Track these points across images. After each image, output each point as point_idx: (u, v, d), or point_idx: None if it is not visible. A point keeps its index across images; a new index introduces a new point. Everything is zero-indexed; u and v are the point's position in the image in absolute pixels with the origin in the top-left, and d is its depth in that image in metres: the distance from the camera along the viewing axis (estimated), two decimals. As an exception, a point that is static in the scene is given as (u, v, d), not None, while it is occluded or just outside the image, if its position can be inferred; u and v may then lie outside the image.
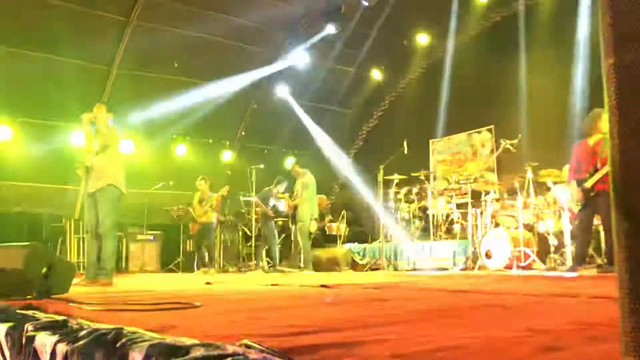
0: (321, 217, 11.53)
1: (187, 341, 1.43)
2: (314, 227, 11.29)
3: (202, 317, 2.40)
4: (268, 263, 11.54)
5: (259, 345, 1.29)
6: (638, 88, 1.05)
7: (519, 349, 1.40)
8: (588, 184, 6.77)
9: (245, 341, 1.33)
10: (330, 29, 12.20)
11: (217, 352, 1.27)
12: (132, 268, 11.67)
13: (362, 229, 12.77)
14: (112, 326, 1.75)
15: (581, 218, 7.09)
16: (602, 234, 7.70)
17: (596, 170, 6.74)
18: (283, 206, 11.48)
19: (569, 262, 7.38)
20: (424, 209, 10.90)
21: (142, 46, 11.74)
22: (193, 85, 12.92)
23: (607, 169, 6.40)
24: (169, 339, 1.50)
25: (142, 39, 11.63)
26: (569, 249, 7.66)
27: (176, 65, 12.45)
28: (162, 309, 2.70)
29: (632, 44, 1.06)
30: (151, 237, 12.03)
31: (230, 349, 1.29)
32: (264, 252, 11.57)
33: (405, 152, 10.25)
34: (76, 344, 1.62)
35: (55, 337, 1.76)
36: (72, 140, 10.90)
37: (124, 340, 1.54)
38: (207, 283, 6.03)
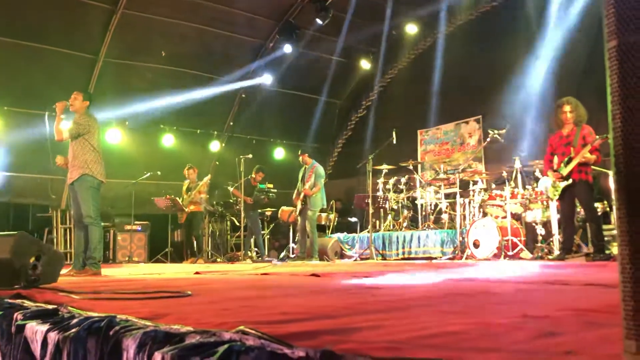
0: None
1: (182, 328, 1.41)
2: (326, 218, 11.36)
3: (194, 305, 2.38)
4: (257, 253, 11.54)
5: (256, 331, 1.27)
6: (642, 69, 1.04)
7: (517, 334, 1.39)
8: (564, 172, 6.86)
9: (242, 328, 1.31)
10: (318, 21, 12.11)
11: (213, 339, 1.25)
12: (120, 258, 11.62)
13: (352, 219, 12.77)
14: (104, 314, 1.73)
15: (562, 208, 7.19)
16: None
17: (570, 159, 6.83)
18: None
19: (557, 251, 7.42)
20: (412, 199, 10.93)
21: (129, 35, 11.63)
22: (181, 75, 12.84)
23: (580, 157, 6.54)
24: (163, 327, 1.48)
25: (129, 28, 11.52)
26: (557, 238, 7.71)
27: (163, 54, 12.34)
28: (152, 298, 2.68)
29: (636, 25, 1.05)
30: (139, 228, 11.97)
31: (226, 335, 1.28)
32: (252, 242, 11.57)
33: (394, 142, 10.26)
34: (68, 332, 1.60)
35: (46, 326, 1.74)
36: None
37: (116, 328, 1.52)
38: (197, 273, 6.00)
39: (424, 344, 1.31)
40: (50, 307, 2.12)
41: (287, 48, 12.99)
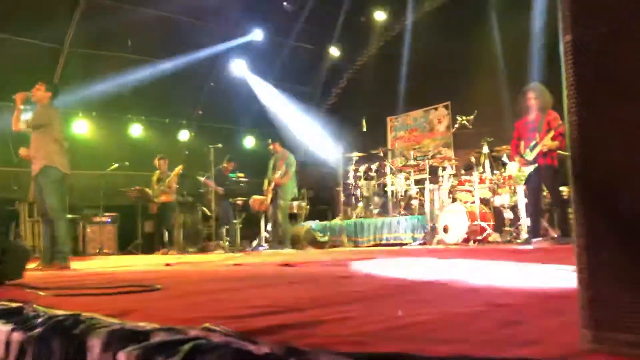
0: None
1: (147, 326, 1.40)
2: (298, 207, 11.32)
3: (162, 300, 2.37)
4: (229, 242, 11.49)
5: (221, 328, 1.27)
6: (595, 65, 1.06)
7: (480, 324, 1.41)
8: (529, 157, 7.00)
9: (207, 325, 1.31)
10: (286, 6, 12.03)
11: (178, 337, 1.25)
12: (90, 250, 11.48)
13: (324, 207, 12.80)
14: (69, 312, 1.71)
15: (528, 192, 7.32)
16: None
17: (536, 144, 6.96)
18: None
19: (524, 235, 7.55)
20: (382, 186, 10.99)
21: (94, 24, 11.39)
22: (148, 64, 12.64)
23: (546, 141, 6.65)
24: (129, 324, 1.47)
25: (94, 17, 11.28)
26: (524, 222, 7.83)
27: (130, 43, 12.14)
28: (121, 293, 2.65)
29: (591, 21, 1.06)
30: (108, 219, 11.83)
31: (191, 333, 1.27)
32: (224, 231, 11.52)
33: (364, 129, 10.30)
34: (32, 332, 1.58)
35: (10, 326, 1.71)
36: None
37: (82, 326, 1.50)
38: (167, 265, 5.95)
39: (390, 336, 1.32)
40: (14, 305, 2.09)
41: (256, 35, 12.90)
